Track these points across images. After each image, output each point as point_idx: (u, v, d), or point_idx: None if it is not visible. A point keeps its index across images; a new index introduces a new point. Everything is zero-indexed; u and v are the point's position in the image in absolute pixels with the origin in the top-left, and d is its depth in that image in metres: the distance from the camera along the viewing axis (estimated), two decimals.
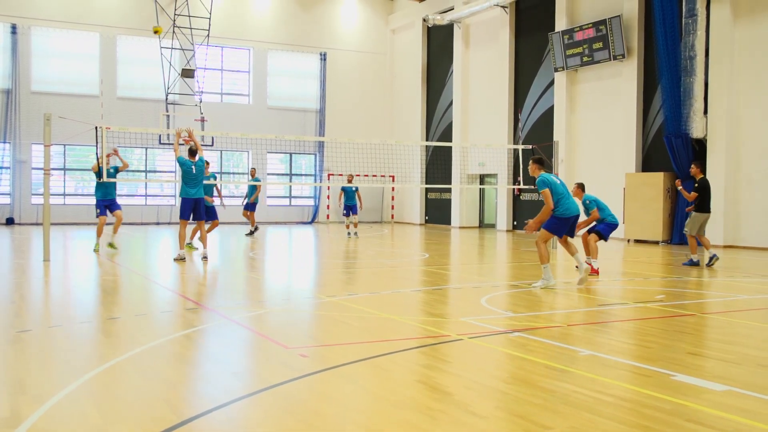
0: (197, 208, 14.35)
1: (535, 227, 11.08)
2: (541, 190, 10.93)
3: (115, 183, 16.29)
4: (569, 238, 11.52)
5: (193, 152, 14.31)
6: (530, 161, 11.38)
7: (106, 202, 16.20)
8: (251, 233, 22.60)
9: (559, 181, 11.17)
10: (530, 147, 21.50)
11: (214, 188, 18.28)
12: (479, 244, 21.18)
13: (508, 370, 5.78)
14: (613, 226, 13.09)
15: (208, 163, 15.94)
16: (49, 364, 5.89)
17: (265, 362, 6.02)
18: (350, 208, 22.73)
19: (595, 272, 12.40)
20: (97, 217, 16.24)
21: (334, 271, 13.47)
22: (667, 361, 6.11)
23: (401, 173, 32.44)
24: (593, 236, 12.98)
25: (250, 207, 22.40)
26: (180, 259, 14.31)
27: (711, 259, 14.50)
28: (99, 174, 15.52)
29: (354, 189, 22.63)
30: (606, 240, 13.15)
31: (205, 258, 14.42)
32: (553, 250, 18.22)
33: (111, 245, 16.42)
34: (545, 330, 7.47)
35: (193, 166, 14.22)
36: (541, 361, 6.04)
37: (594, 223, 13.21)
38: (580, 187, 13.45)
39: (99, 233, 16.67)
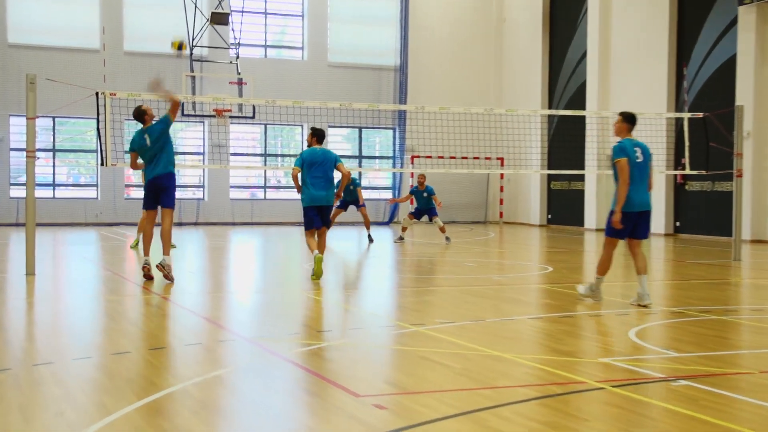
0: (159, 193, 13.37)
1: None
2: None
3: None
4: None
5: (141, 114, 13.29)
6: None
7: None
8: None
9: (639, 155, 11.30)
10: (700, 115, 21.04)
11: None
12: (624, 253, 20.79)
13: None
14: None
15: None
16: (34, 417, 6.02)
17: (328, 415, 6.04)
18: (427, 211, 22.76)
19: None
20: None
21: (420, 289, 13.43)
22: None
23: (514, 155, 32.12)
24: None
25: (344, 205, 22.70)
26: (146, 270, 13.42)
27: None
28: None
29: (426, 195, 22.60)
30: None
31: (162, 269, 13.00)
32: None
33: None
34: (725, 378, 7.31)
35: (146, 136, 13.30)
36: (720, 423, 5.90)
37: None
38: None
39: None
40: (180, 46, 17.48)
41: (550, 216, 32.97)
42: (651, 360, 8.05)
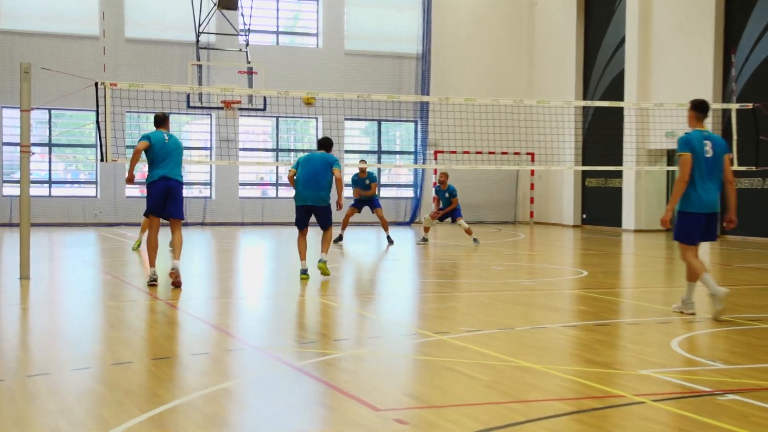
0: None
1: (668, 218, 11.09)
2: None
3: None
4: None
5: (164, 119, 13.96)
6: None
7: None
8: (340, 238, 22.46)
9: (709, 150, 10.89)
10: (750, 106, 20.95)
11: None
12: (668, 257, 20.75)
13: None
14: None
15: None
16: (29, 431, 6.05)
17: (344, 430, 6.03)
18: (450, 212, 22.49)
19: None
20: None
21: (444, 295, 13.43)
22: None
23: (545, 150, 32.10)
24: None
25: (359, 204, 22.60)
26: (152, 285, 13.49)
27: None
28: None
29: (448, 195, 22.30)
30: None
31: (176, 275, 13.35)
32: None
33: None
34: None
35: (165, 136, 13.68)
36: None
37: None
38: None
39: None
40: (310, 101, 17.98)
41: (584, 216, 32.87)
42: (696, 372, 8.01)
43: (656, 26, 29.47)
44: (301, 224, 14.67)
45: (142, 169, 15.03)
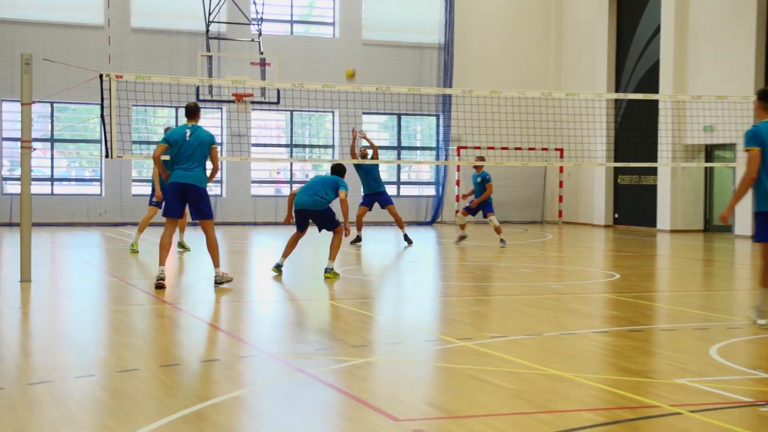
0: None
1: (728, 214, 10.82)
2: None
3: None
4: None
5: (195, 110, 14.09)
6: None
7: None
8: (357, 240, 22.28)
9: None
10: None
11: None
12: (705, 259, 20.67)
13: None
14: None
15: None
16: None
17: None
18: (481, 205, 22.20)
19: None
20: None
21: (467, 299, 13.43)
22: None
23: (575, 145, 31.99)
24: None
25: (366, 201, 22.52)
26: (159, 284, 13.57)
27: None
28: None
29: (480, 180, 22.00)
30: None
31: (220, 281, 13.86)
32: None
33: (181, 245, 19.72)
34: None
35: (188, 130, 13.74)
36: None
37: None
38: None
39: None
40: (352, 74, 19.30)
41: (616, 215, 32.78)
42: (736, 381, 7.97)
43: (694, 14, 29.34)
44: (299, 226, 15.25)
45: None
